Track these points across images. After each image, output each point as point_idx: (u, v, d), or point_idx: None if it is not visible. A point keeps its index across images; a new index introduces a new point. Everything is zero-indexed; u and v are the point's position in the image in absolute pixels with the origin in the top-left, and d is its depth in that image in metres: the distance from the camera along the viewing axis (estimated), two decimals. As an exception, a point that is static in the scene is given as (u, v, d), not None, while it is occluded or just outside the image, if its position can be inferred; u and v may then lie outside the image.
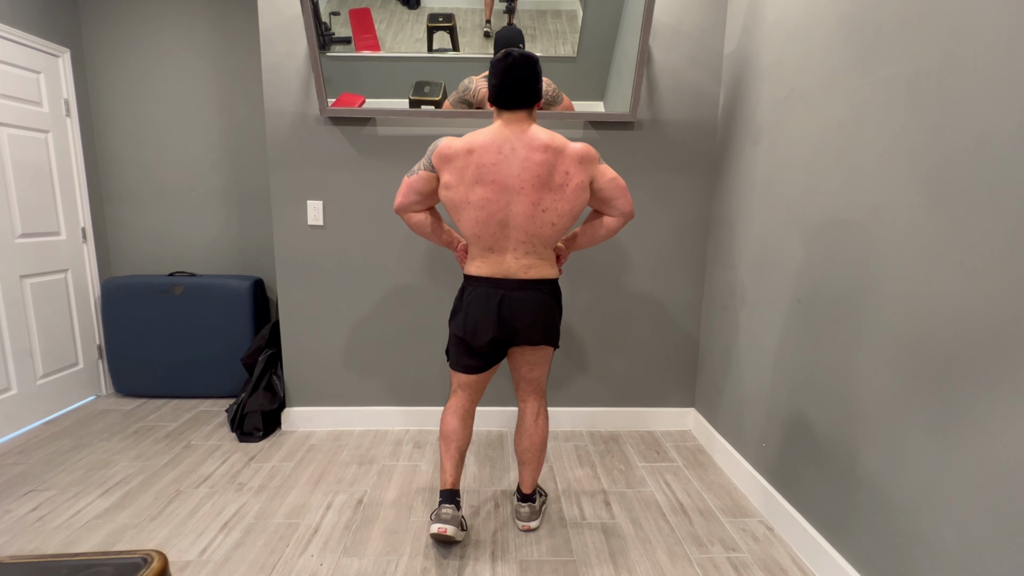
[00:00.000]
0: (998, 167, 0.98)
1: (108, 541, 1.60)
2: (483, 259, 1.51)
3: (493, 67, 1.44)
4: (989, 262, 1.00)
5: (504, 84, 1.42)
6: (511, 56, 1.41)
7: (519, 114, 1.44)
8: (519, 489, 1.71)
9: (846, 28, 1.41)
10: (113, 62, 2.66)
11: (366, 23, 2.00)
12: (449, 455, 1.60)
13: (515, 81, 1.41)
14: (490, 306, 1.49)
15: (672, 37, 2.13)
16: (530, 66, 1.42)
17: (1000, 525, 0.97)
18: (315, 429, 2.39)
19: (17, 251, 2.32)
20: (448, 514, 1.48)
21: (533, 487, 1.69)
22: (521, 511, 1.68)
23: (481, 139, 1.43)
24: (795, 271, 1.63)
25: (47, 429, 2.36)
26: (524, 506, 1.68)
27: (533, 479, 1.68)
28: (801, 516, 1.59)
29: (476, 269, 1.52)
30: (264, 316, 2.75)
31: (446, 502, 1.53)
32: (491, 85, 1.45)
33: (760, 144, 1.85)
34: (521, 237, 1.47)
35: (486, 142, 1.42)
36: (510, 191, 1.42)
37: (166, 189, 2.77)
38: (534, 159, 1.40)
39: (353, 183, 2.21)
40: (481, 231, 1.47)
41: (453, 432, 1.61)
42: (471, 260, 1.55)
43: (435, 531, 1.45)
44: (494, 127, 1.45)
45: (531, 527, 1.67)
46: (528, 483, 1.69)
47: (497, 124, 1.45)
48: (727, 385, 2.09)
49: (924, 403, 1.15)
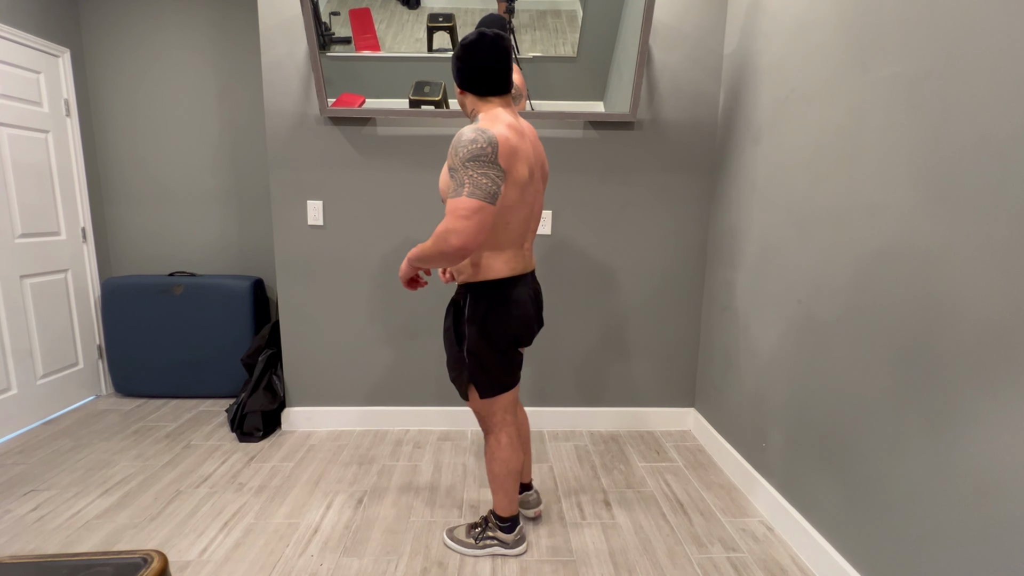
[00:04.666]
0: (998, 167, 0.98)
1: (108, 541, 1.60)
2: (515, 256, 1.40)
3: (487, 51, 1.29)
4: (989, 262, 1.00)
5: (506, 67, 1.32)
6: (502, 39, 1.30)
7: (507, 98, 1.36)
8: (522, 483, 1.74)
9: (846, 28, 1.41)
10: (113, 62, 2.66)
11: (366, 23, 2.00)
12: (515, 483, 1.54)
13: (510, 61, 1.32)
14: (530, 302, 1.43)
15: (672, 37, 2.13)
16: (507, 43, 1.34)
17: (1000, 525, 0.97)
18: (315, 429, 2.39)
19: (17, 251, 2.32)
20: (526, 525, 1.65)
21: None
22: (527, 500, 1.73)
23: (512, 123, 1.29)
24: (795, 271, 1.63)
25: (47, 429, 2.36)
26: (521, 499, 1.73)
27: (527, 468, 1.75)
28: (801, 516, 1.59)
29: (511, 269, 1.38)
30: (264, 316, 2.75)
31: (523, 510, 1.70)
32: (491, 71, 1.31)
33: (760, 144, 1.85)
34: (534, 225, 1.47)
35: (516, 126, 1.30)
36: (536, 179, 1.40)
37: (166, 189, 2.77)
38: (539, 143, 1.42)
39: (353, 183, 2.21)
40: (525, 227, 1.40)
41: (519, 462, 1.51)
42: (501, 261, 1.37)
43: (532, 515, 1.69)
44: (504, 112, 1.33)
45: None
46: (529, 472, 1.76)
47: (500, 110, 1.33)
48: (727, 385, 2.09)
49: (924, 403, 1.15)
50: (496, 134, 1.22)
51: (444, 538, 1.62)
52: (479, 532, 1.58)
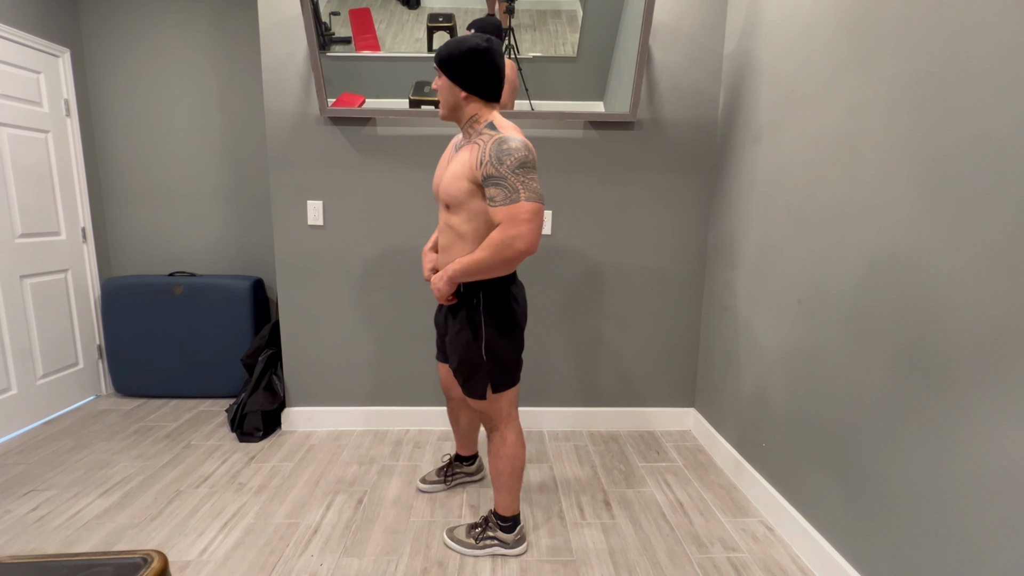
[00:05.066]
0: (998, 167, 0.98)
1: (108, 541, 1.60)
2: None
3: (499, 59, 1.33)
4: (989, 262, 1.00)
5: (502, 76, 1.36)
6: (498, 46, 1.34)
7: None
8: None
9: (846, 28, 1.41)
10: (113, 62, 2.66)
11: (366, 23, 2.00)
12: (519, 482, 1.55)
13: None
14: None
15: (672, 37, 2.13)
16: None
17: (1000, 525, 0.97)
18: (315, 429, 2.39)
19: (17, 251, 2.32)
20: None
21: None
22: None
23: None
24: (795, 271, 1.63)
25: (47, 429, 2.36)
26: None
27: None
28: (801, 516, 1.59)
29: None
30: (264, 316, 2.75)
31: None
32: (500, 78, 1.35)
33: (760, 144, 1.85)
34: None
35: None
36: None
37: (166, 189, 2.77)
38: None
39: (353, 183, 2.21)
40: None
41: (524, 460, 1.55)
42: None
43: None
44: (506, 120, 1.38)
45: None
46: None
47: (501, 116, 1.39)
48: (727, 385, 2.09)
49: (924, 403, 1.15)
50: (526, 143, 1.29)
51: (444, 538, 1.62)
52: (479, 532, 1.58)
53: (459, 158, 1.36)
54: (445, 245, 1.46)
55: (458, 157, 1.37)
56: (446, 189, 1.37)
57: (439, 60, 1.34)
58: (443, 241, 1.47)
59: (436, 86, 1.37)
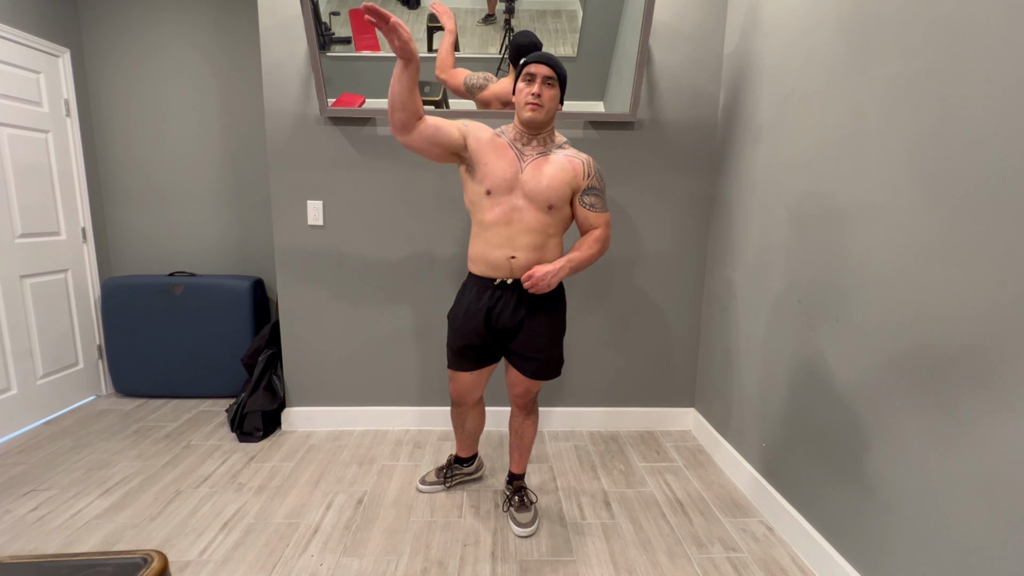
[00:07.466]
0: (998, 167, 0.98)
1: (108, 541, 1.60)
2: None
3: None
4: (989, 262, 1.00)
5: None
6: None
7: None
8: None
9: (846, 28, 1.41)
10: (113, 62, 2.66)
11: (366, 23, 2.00)
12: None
13: None
14: None
15: (672, 37, 2.13)
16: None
17: (1000, 525, 0.97)
18: (315, 429, 2.39)
19: (17, 251, 2.32)
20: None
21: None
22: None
23: None
24: (795, 271, 1.63)
25: (47, 429, 2.36)
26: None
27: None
28: (801, 516, 1.59)
29: None
30: (264, 316, 2.75)
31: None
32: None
33: (760, 144, 1.85)
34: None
35: None
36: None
37: (166, 189, 2.77)
38: None
39: (353, 183, 2.20)
40: None
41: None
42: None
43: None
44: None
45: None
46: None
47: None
48: (727, 385, 2.09)
49: (924, 403, 1.15)
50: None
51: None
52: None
53: (559, 165, 1.49)
54: (537, 244, 1.51)
55: (556, 164, 1.49)
56: (554, 192, 1.48)
57: (561, 74, 1.46)
58: (530, 240, 1.50)
59: (549, 96, 1.44)
